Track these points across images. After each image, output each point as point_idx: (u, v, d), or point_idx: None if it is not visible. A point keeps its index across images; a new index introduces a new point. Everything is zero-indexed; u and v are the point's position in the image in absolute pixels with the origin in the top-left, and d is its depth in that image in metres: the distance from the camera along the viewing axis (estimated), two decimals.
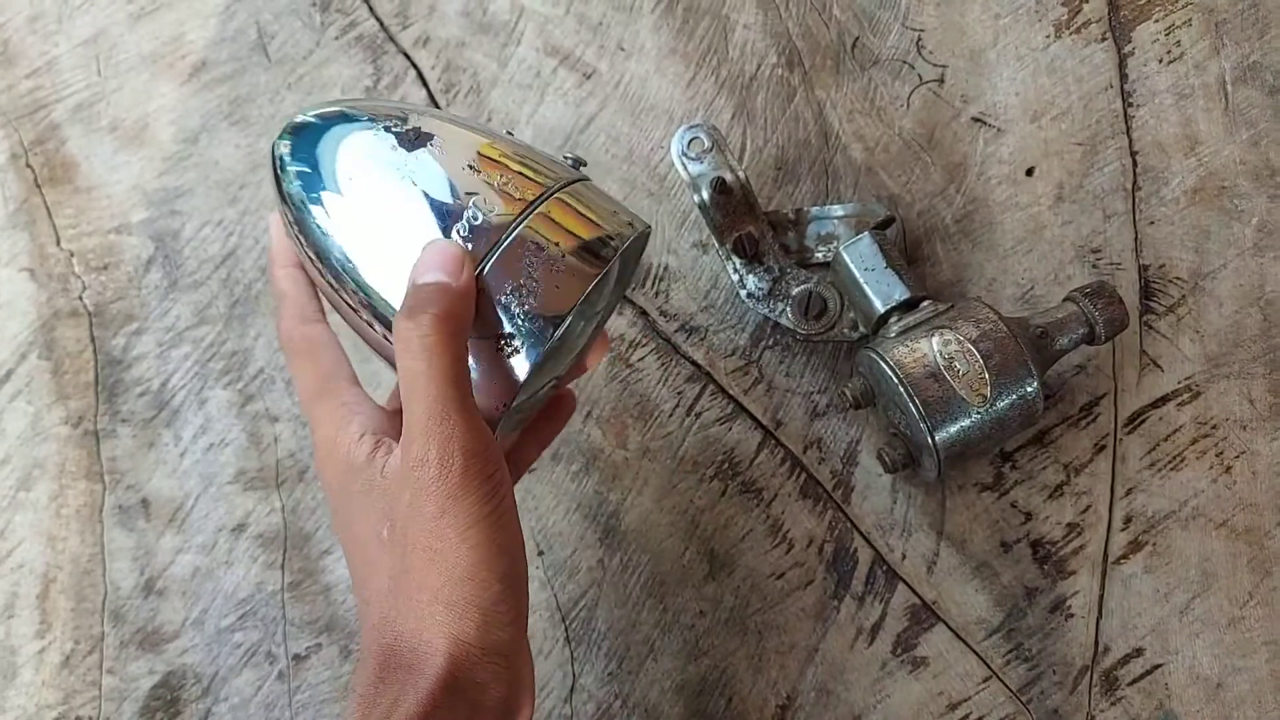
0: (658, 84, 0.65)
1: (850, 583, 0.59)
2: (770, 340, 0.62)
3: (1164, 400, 0.59)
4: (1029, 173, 0.62)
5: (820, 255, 0.60)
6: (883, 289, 0.56)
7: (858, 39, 0.64)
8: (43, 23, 0.68)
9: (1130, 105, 0.62)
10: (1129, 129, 0.62)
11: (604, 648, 0.59)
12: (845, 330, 0.59)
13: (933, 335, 0.53)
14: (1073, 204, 0.61)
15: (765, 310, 0.59)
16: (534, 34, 0.66)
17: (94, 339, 0.64)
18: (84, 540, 0.62)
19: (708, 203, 0.59)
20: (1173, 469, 0.59)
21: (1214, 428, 0.59)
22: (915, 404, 0.52)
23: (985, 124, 0.63)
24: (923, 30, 0.64)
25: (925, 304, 0.56)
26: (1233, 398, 0.59)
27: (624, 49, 0.65)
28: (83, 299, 0.65)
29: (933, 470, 0.54)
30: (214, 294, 0.64)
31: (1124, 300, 0.55)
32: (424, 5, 0.67)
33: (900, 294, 0.56)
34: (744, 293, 0.59)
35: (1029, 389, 0.53)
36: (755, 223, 0.59)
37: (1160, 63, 0.63)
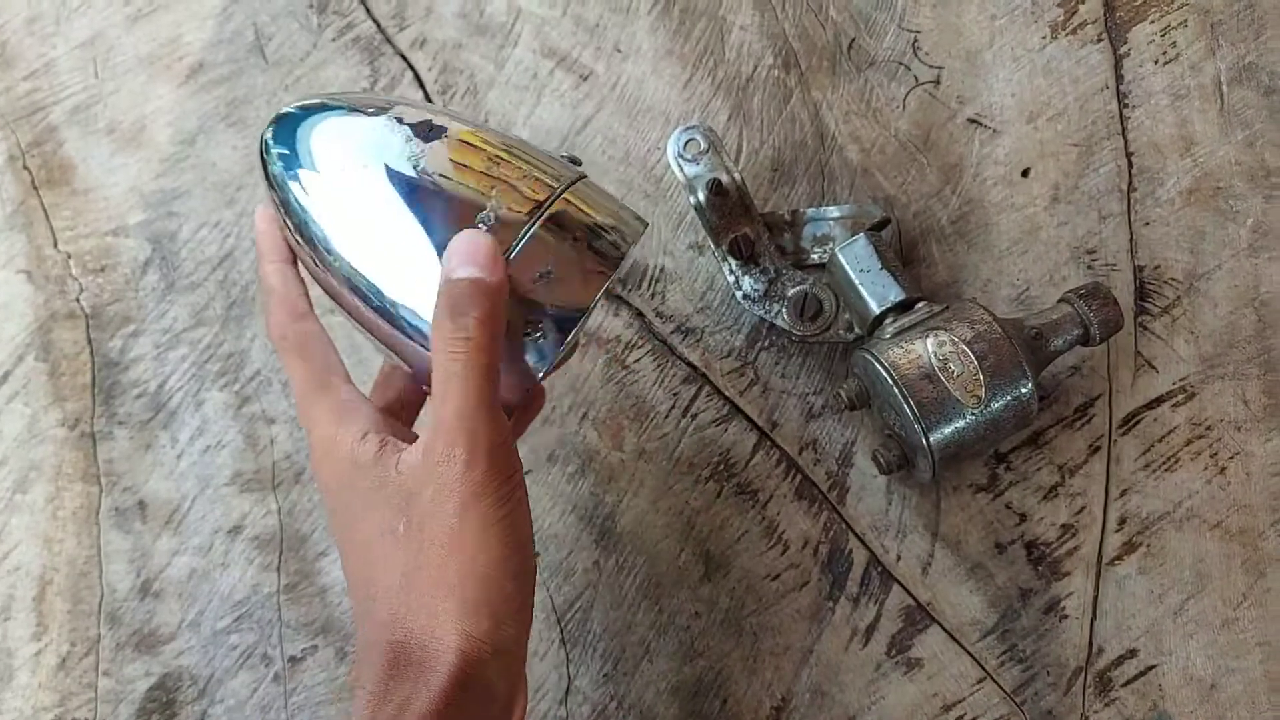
0: (654, 85, 0.65)
1: (845, 584, 0.59)
2: (766, 341, 0.62)
3: (1159, 401, 0.59)
4: (1025, 174, 0.62)
5: (816, 256, 0.60)
6: (878, 290, 0.56)
7: (854, 40, 0.64)
8: (40, 25, 0.68)
9: (1126, 106, 0.62)
10: (1124, 130, 0.62)
11: (599, 649, 0.59)
12: (841, 331, 0.59)
13: (927, 336, 0.54)
14: (1068, 205, 0.61)
15: (761, 311, 0.59)
16: (531, 35, 0.66)
17: (91, 341, 0.64)
18: (80, 542, 0.62)
19: (704, 204, 0.59)
20: (1167, 470, 0.59)
21: (1208, 429, 0.59)
22: (910, 405, 0.52)
23: (981, 125, 0.63)
24: (919, 31, 0.64)
25: (920, 305, 0.56)
26: (1227, 399, 0.59)
27: (621, 50, 0.66)
28: (80, 301, 0.65)
29: (927, 471, 0.54)
30: (211, 295, 0.64)
31: (1119, 301, 0.55)
32: (421, 7, 0.67)
33: (895, 295, 0.56)
34: (740, 294, 0.59)
35: (1023, 390, 0.53)
36: (751, 224, 0.59)
37: (1156, 64, 0.63)
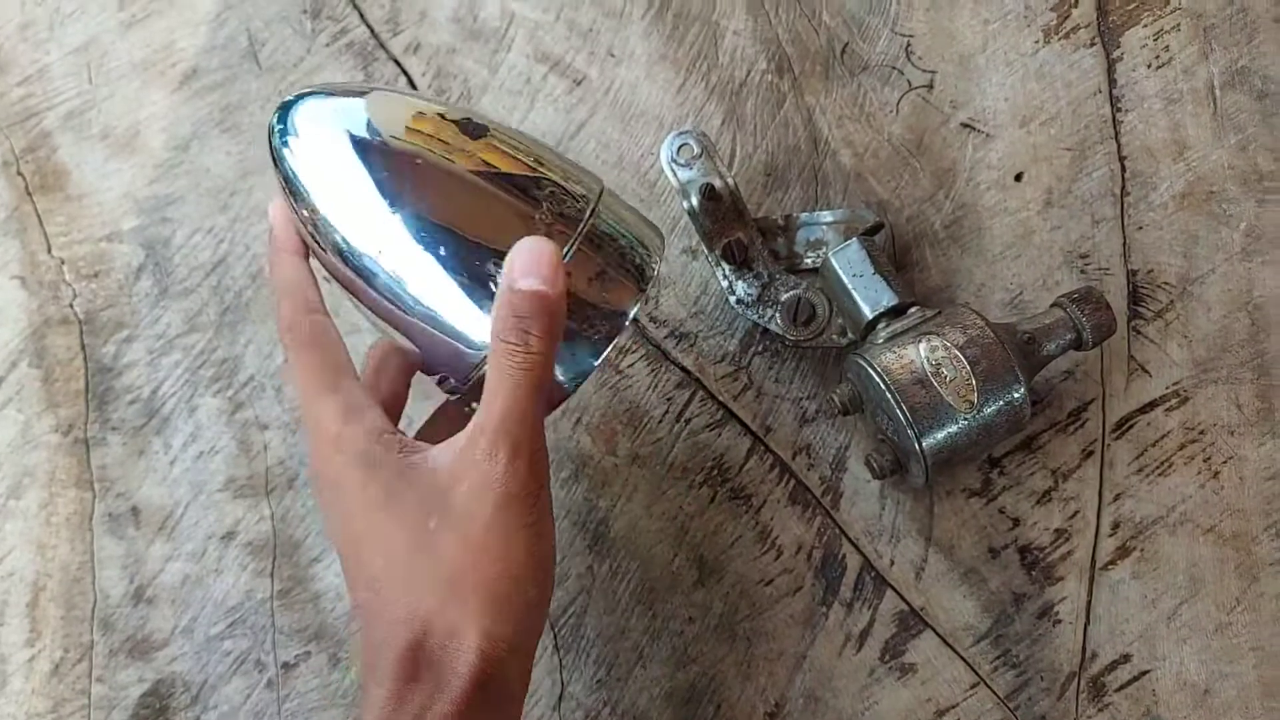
0: (648, 90, 0.65)
1: (839, 589, 0.59)
2: (759, 346, 0.62)
3: (1152, 405, 0.59)
4: (1018, 178, 0.62)
5: (809, 261, 0.60)
6: (871, 295, 0.56)
7: (847, 45, 0.64)
8: (34, 31, 0.68)
9: (1119, 110, 0.62)
10: (1117, 134, 0.62)
11: (593, 655, 0.59)
12: (834, 336, 0.59)
13: (920, 341, 0.54)
14: (1061, 209, 0.61)
15: (754, 316, 0.59)
16: (524, 40, 0.66)
17: (84, 347, 0.64)
18: (74, 548, 0.62)
19: (697, 209, 0.59)
20: (1160, 474, 0.59)
21: (1202, 433, 0.59)
22: (902, 410, 0.52)
23: (974, 129, 0.63)
24: (912, 36, 0.64)
25: (913, 310, 0.56)
26: (1221, 403, 0.59)
27: (614, 55, 0.66)
28: (73, 307, 0.65)
29: (920, 476, 0.54)
30: (204, 301, 0.64)
31: (1112, 306, 0.55)
32: (415, 12, 0.67)
33: (888, 300, 0.56)
34: (733, 299, 0.59)
35: (1016, 395, 0.53)
36: (744, 229, 0.59)
37: (1149, 68, 0.63)
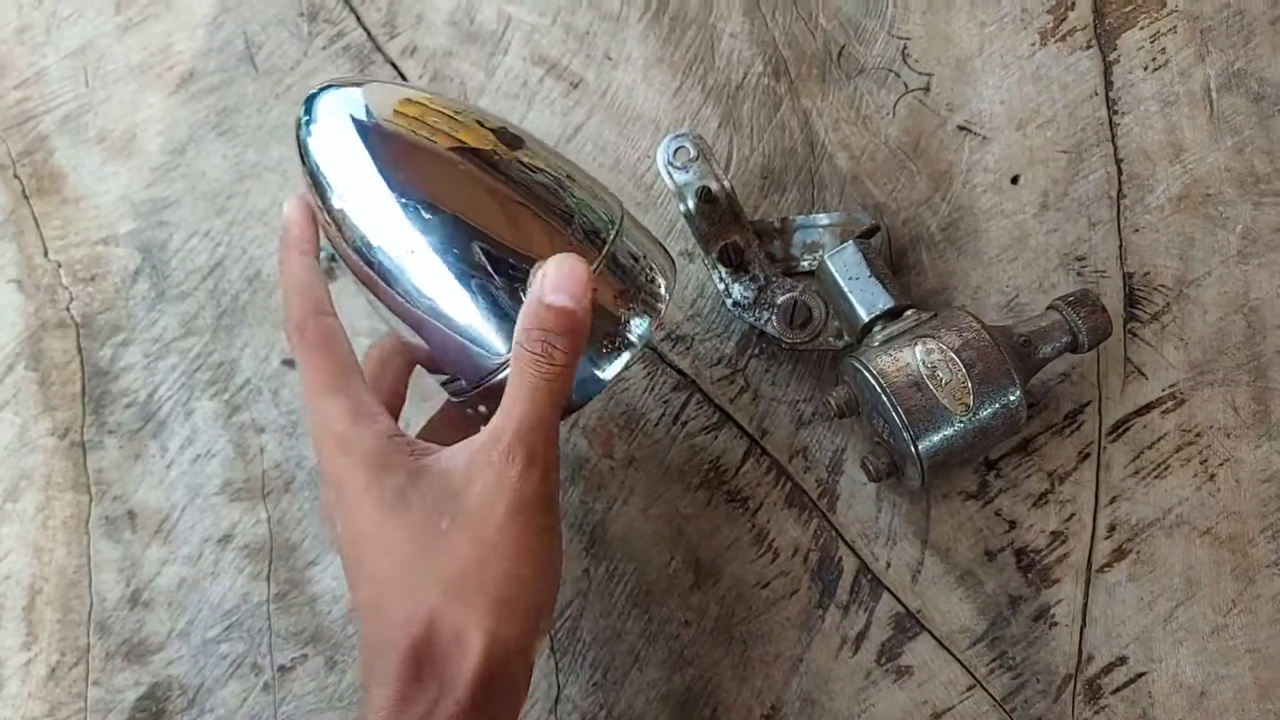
0: (644, 93, 0.65)
1: (835, 592, 0.59)
2: (756, 349, 0.62)
3: (1148, 408, 0.59)
4: (1014, 180, 0.62)
5: (806, 264, 0.60)
6: (867, 298, 0.56)
7: (844, 48, 0.64)
8: (31, 34, 0.68)
9: (1115, 113, 0.62)
10: (1114, 136, 0.62)
11: (589, 658, 0.59)
12: (830, 339, 0.59)
13: (915, 344, 0.54)
14: (1058, 212, 0.61)
15: (751, 319, 0.59)
16: (521, 43, 0.66)
17: (81, 350, 0.64)
18: (70, 551, 0.62)
19: (693, 212, 0.59)
20: (1157, 477, 0.59)
21: (1198, 435, 0.59)
22: (898, 413, 0.52)
23: (971, 132, 0.63)
24: (909, 39, 0.64)
25: (909, 313, 0.56)
26: (1217, 405, 0.59)
27: (611, 58, 0.66)
28: (70, 310, 0.65)
29: (916, 479, 0.54)
30: (201, 305, 0.64)
31: (1107, 308, 0.55)
32: (411, 15, 0.67)
33: (884, 303, 0.56)
34: (729, 301, 0.59)
35: (1012, 397, 0.53)
36: (741, 231, 0.59)
37: (1145, 70, 0.63)
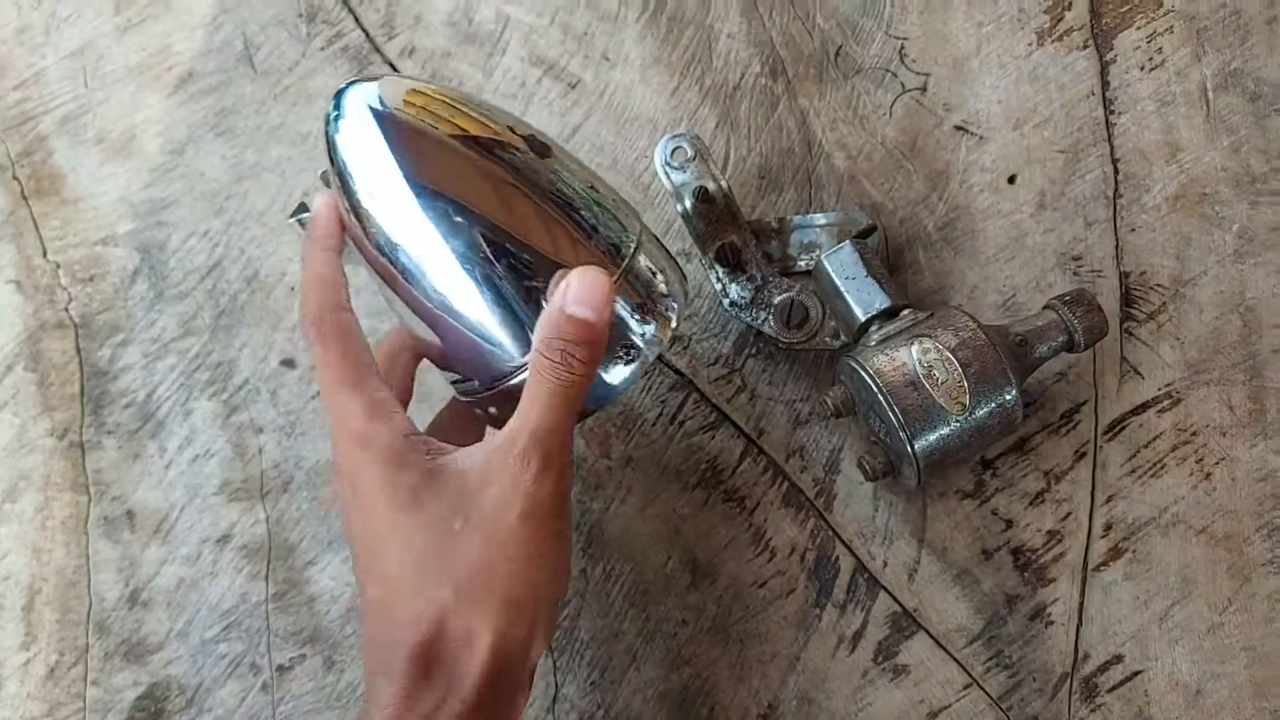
0: (642, 93, 0.65)
1: (832, 591, 0.59)
2: (753, 349, 0.62)
3: (1144, 407, 0.59)
4: (1011, 180, 0.62)
5: (803, 264, 0.60)
6: (863, 298, 0.56)
7: (841, 48, 0.64)
8: (30, 35, 0.69)
9: (1112, 112, 0.62)
10: (1110, 136, 0.62)
11: (586, 657, 0.59)
12: (827, 339, 0.59)
13: (912, 344, 0.54)
14: (1054, 211, 0.62)
15: (748, 319, 0.59)
16: (519, 44, 0.66)
17: (80, 350, 0.64)
18: (69, 552, 0.62)
19: (690, 212, 0.59)
20: (1153, 476, 0.59)
21: (1194, 434, 0.59)
22: (894, 412, 0.53)
23: (968, 132, 0.63)
24: (906, 39, 0.64)
25: (905, 312, 0.56)
26: (1213, 404, 0.59)
27: (609, 59, 0.66)
28: (69, 310, 0.65)
29: (913, 478, 0.54)
30: (199, 305, 0.64)
31: (1104, 308, 0.55)
32: (410, 16, 0.67)
33: (881, 303, 0.56)
34: (726, 301, 0.60)
35: (1008, 397, 0.53)
36: (738, 232, 0.59)
37: (1142, 70, 0.63)
